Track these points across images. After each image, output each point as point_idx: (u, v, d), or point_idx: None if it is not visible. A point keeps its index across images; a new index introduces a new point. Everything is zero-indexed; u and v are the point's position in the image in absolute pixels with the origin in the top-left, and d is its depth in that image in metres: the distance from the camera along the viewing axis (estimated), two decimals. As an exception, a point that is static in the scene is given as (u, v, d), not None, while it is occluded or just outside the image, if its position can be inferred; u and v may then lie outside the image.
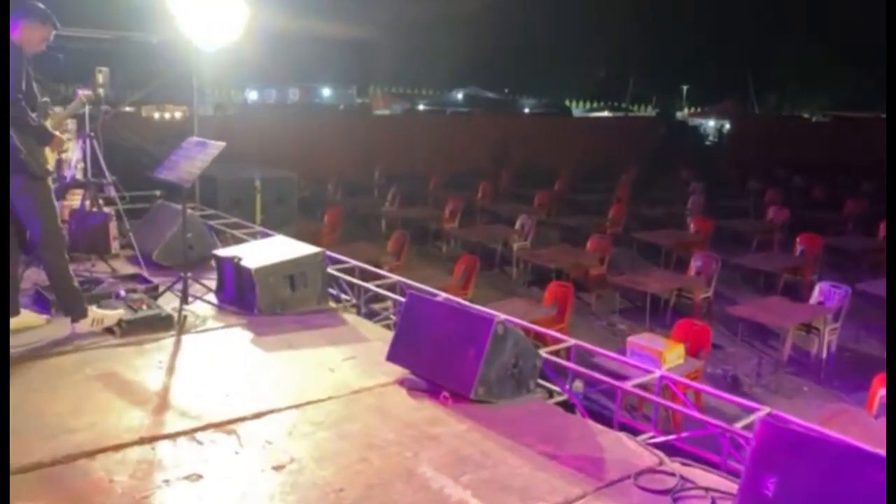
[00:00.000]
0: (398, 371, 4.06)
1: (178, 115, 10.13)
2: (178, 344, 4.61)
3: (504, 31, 33.96)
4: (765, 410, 3.42)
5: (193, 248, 6.40)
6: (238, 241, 7.18)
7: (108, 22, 9.69)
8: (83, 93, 5.10)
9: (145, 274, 5.88)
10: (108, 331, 4.69)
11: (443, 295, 5.20)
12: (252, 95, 31.56)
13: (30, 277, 5.39)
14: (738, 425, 3.32)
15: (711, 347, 7.05)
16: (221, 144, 5.11)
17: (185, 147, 5.25)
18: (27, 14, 4.44)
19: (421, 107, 33.04)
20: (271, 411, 3.65)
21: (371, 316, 5.48)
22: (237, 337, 4.79)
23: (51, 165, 4.54)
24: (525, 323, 4.73)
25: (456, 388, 3.71)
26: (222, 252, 5.65)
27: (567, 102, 39.44)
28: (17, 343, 4.41)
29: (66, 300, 4.66)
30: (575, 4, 34.46)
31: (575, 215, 14.22)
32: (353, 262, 6.16)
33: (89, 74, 8.79)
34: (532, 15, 34.45)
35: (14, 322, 4.67)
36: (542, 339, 4.91)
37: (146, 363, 4.26)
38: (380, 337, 4.73)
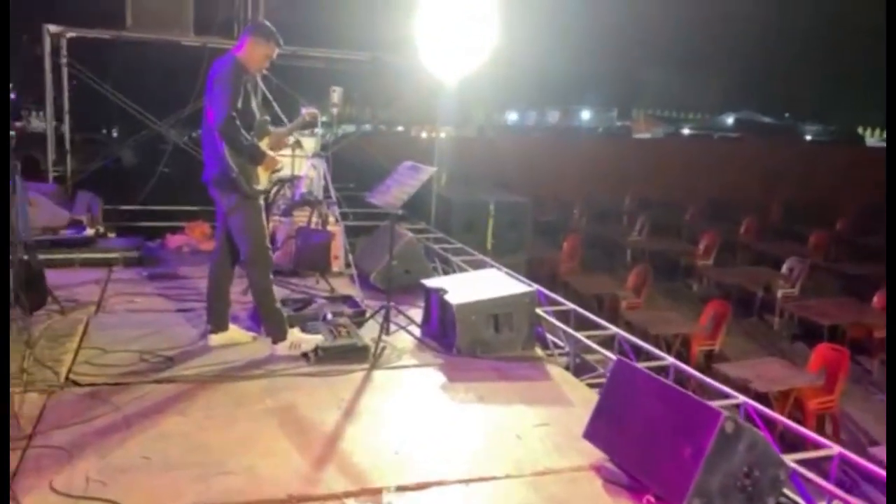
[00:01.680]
0: (596, 453, 3.32)
1: (442, 134, 10.20)
2: (366, 380, 4.28)
3: (785, 49, 30.74)
4: None
5: (410, 273, 6.19)
6: (459, 269, 6.86)
7: (374, 44, 10.03)
8: (307, 111, 5.02)
9: (358, 297, 5.72)
10: (304, 356, 4.53)
11: (668, 359, 4.33)
12: (512, 117, 31.98)
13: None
14: None
15: None
16: (432, 169, 4.76)
17: (399, 171, 4.97)
18: (252, 31, 4.43)
19: (685, 131, 31.10)
20: (438, 483, 3.13)
21: (583, 371, 4.75)
22: (428, 380, 4.36)
23: (262, 185, 4.48)
24: (774, 415, 3.70)
25: (664, 492, 2.89)
26: (430, 282, 5.29)
27: (860, 130, 34.71)
28: (218, 360, 4.40)
29: (267, 321, 4.58)
30: (873, 13, 30.16)
31: (860, 262, 12.07)
32: (569, 305, 5.47)
33: (350, 93, 9.09)
34: (820, 29, 30.76)
35: (222, 338, 4.70)
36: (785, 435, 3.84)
37: (328, 399, 3.97)
38: (585, 401, 4.00)
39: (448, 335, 4.84)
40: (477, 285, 5.04)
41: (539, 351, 4.88)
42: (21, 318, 4.67)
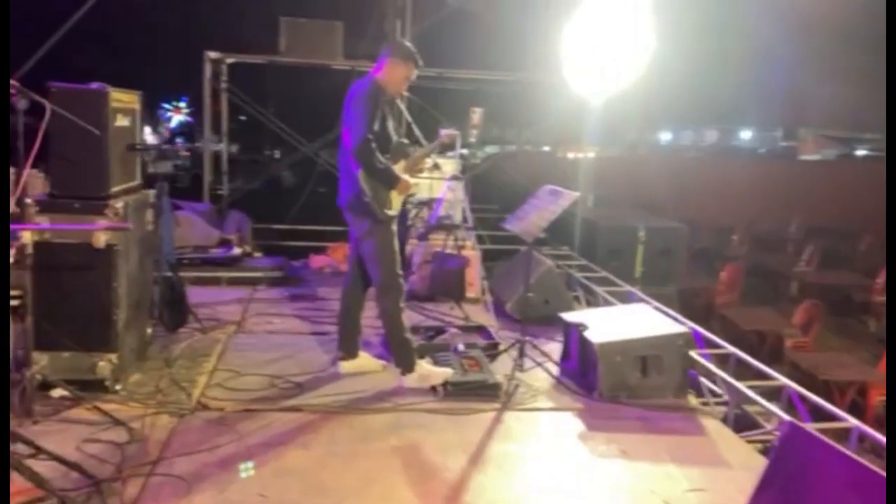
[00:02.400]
0: (761, 534, 2.81)
1: (590, 154, 9.84)
2: (496, 422, 3.97)
3: None
4: None
5: (549, 304, 5.84)
6: (604, 300, 6.41)
7: (520, 62, 9.81)
8: (445, 132, 4.82)
9: (492, 327, 5.44)
10: (433, 389, 4.29)
11: (851, 421, 3.69)
12: (665, 136, 30.69)
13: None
14: None
15: None
16: (575, 195, 4.40)
17: (539, 196, 4.66)
18: (391, 52, 4.30)
19: (860, 152, 28.46)
20: (569, 554, 2.76)
21: (744, 426, 4.17)
22: (565, 426, 3.98)
23: (395, 210, 4.31)
24: None
25: None
26: (570, 316, 4.90)
27: None
28: (346, 390, 4.27)
29: (396, 350, 4.39)
30: None
31: None
32: (730, 349, 4.88)
33: (495, 113, 8.85)
34: None
35: (351, 365, 4.57)
36: None
37: (455, 442, 3.70)
38: (746, 464, 3.48)
39: (588, 376, 4.44)
40: (623, 322, 4.61)
41: (692, 400, 4.36)
42: (163, 337, 4.79)
